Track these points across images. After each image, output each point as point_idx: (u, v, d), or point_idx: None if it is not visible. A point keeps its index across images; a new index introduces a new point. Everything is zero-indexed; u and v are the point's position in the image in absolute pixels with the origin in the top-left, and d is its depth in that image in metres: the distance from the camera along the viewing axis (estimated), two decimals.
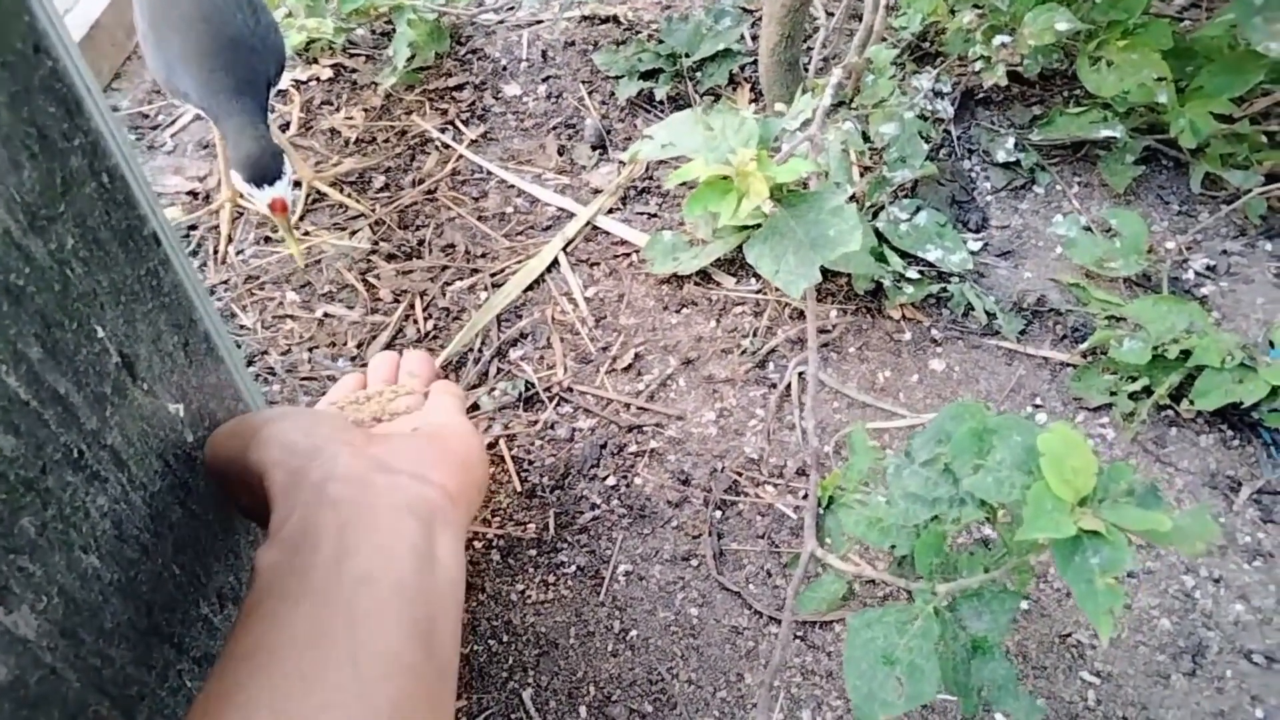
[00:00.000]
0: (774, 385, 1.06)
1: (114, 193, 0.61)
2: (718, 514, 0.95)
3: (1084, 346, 1.07)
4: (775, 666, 0.71)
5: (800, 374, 1.07)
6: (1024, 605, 0.89)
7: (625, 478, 0.98)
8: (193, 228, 1.25)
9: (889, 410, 1.03)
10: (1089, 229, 1.20)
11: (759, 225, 0.93)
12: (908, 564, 0.76)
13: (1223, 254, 1.19)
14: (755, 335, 1.11)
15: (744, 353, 1.10)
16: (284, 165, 1.00)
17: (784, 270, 0.86)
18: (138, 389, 0.61)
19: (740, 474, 0.98)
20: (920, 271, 1.13)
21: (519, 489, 0.97)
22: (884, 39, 1.39)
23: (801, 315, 1.13)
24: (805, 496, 0.96)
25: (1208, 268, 1.17)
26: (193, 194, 1.30)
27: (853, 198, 1.21)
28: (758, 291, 1.15)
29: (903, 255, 1.14)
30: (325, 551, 0.47)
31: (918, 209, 1.17)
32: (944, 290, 1.13)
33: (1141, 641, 0.86)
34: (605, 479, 0.98)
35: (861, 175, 1.22)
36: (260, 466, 0.57)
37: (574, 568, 0.91)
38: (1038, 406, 1.04)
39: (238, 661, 0.44)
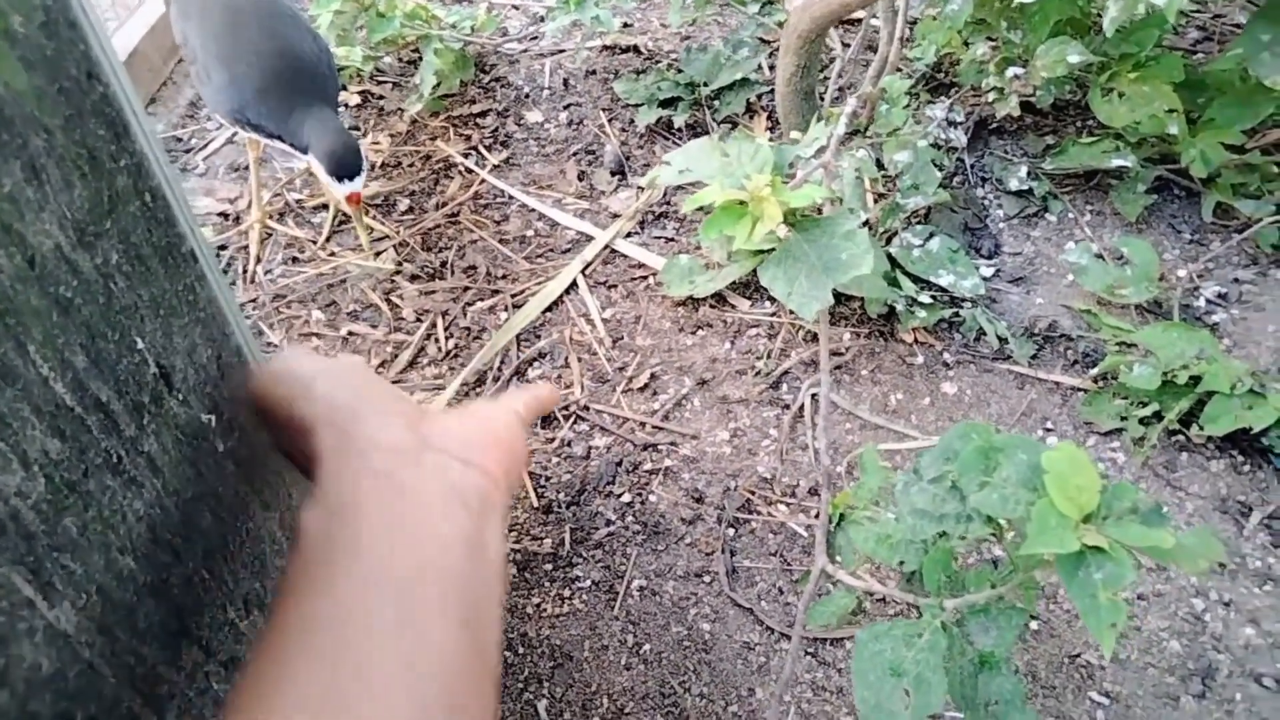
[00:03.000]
0: (787, 406, 1.08)
1: (155, 211, 0.64)
2: (730, 531, 0.97)
3: (1095, 372, 1.08)
4: (786, 680, 0.72)
5: (813, 395, 1.09)
6: (1033, 625, 0.89)
7: (640, 495, 1.00)
8: (223, 248, 1.29)
9: (901, 432, 1.05)
10: (1101, 256, 1.21)
11: (773, 250, 0.95)
12: (917, 580, 0.78)
13: (1234, 282, 1.20)
14: (769, 357, 1.13)
15: (758, 374, 1.12)
16: (362, 161, 1.06)
17: (797, 292, 0.88)
18: (173, 399, 0.64)
19: (753, 493, 1.00)
20: (933, 296, 1.15)
21: (536, 505, 0.99)
22: (899, 69, 1.42)
23: (815, 338, 1.15)
24: (818, 515, 0.98)
25: (1219, 295, 1.18)
26: (223, 215, 1.34)
27: (867, 223, 1.23)
28: (772, 314, 1.17)
29: (915, 280, 1.16)
30: (374, 528, 0.48)
31: (930, 235, 1.19)
32: (956, 315, 1.15)
33: (1150, 663, 0.87)
34: (620, 496, 1.00)
35: (876, 202, 1.24)
36: (307, 422, 0.56)
37: (589, 582, 0.93)
38: (1049, 430, 1.05)
39: (289, 634, 0.45)
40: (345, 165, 1.04)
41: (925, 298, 1.13)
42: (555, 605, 0.91)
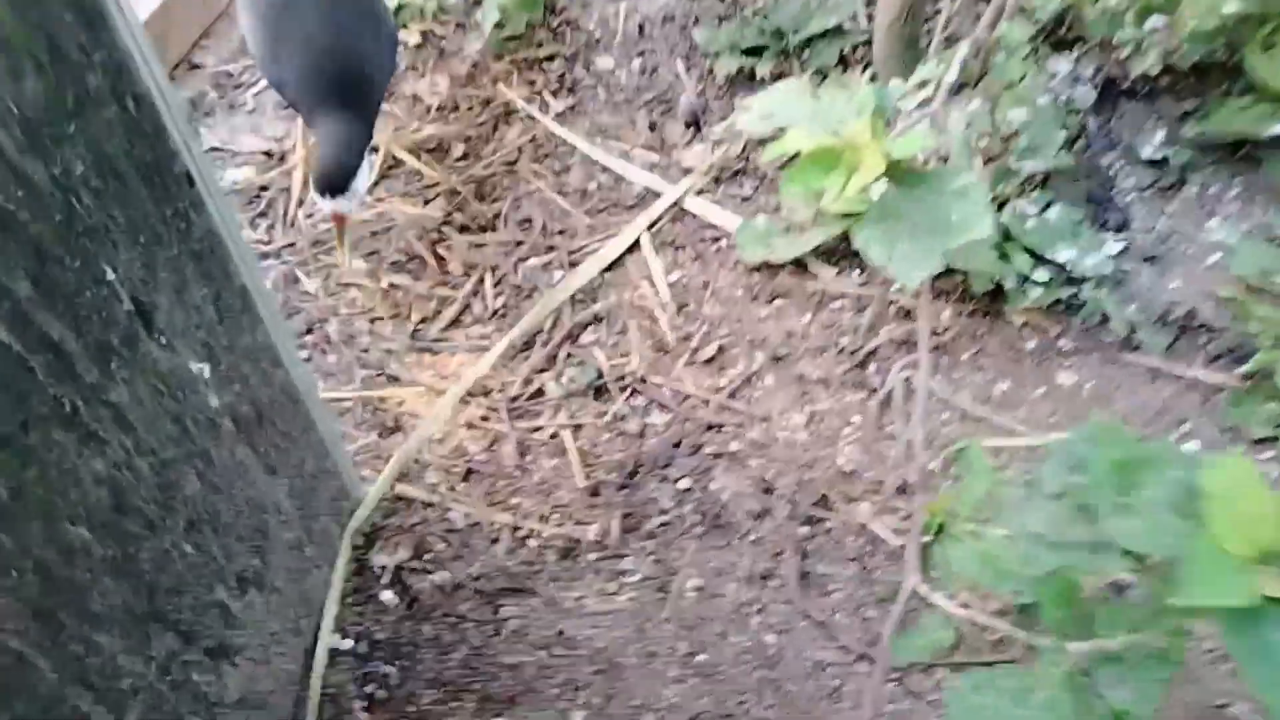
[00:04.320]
0: (874, 390, 0.97)
1: (140, 121, 0.54)
2: (803, 530, 0.86)
3: (1244, 369, 0.94)
4: (869, 717, 0.61)
5: (906, 379, 0.96)
6: None
7: (700, 481, 0.90)
8: (264, 188, 1.22)
9: (1007, 427, 0.92)
10: (1252, 236, 1.06)
11: (866, 212, 0.83)
12: (1031, 613, 0.65)
13: None
14: (856, 333, 1.01)
15: (841, 352, 1.00)
16: (353, 182, 0.95)
17: (898, 257, 0.76)
18: (153, 342, 0.54)
19: (831, 487, 0.89)
20: (1049, 273, 1.01)
21: (582, 485, 0.89)
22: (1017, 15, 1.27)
23: (909, 314, 1.02)
24: (907, 518, 0.86)
25: None
26: (268, 154, 1.27)
27: None
28: (861, 285, 1.05)
29: (1030, 254, 1.02)
30: None
31: (1049, 204, 1.05)
32: (1075, 296, 1.01)
33: None
34: (678, 481, 0.90)
35: (985, 164, 1.10)
36: None
37: (639, 577, 0.83)
38: (1187, 435, 0.91)
39: None
40: (330, 181, 0.94)
41: (1040, 275, 1.00)
42: (599, 601, 0.81)
